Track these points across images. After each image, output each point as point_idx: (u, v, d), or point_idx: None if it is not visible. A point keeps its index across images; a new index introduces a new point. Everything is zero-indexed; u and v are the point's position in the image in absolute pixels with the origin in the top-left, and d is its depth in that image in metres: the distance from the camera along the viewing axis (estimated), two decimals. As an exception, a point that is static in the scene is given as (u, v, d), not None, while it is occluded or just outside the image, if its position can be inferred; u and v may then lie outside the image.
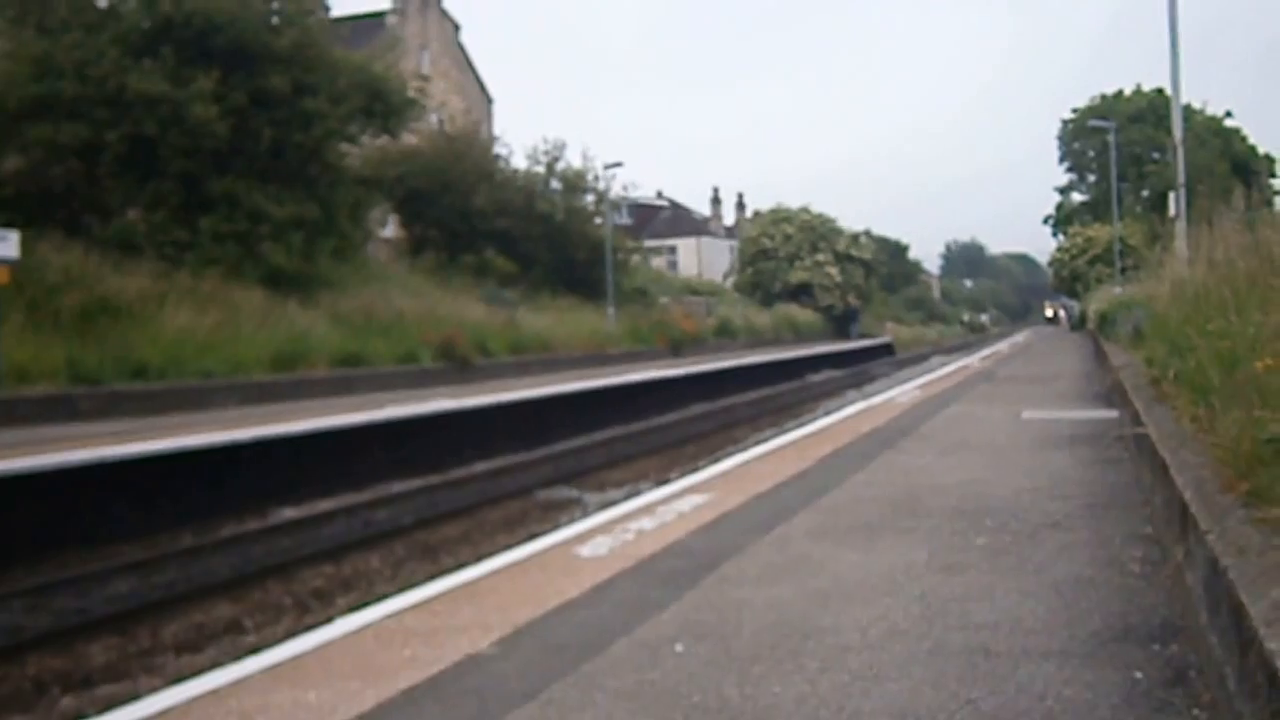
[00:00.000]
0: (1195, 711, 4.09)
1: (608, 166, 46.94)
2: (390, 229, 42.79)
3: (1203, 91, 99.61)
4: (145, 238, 25.20)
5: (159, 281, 23.49)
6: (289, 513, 14.91)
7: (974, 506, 8.42)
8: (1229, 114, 75.94)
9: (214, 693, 4.93)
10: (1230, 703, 3.59)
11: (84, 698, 8.29)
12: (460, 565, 7.82)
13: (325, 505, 15.18)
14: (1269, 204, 9.29)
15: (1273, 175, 63.91)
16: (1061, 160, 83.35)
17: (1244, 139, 73.33)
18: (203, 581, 11.62)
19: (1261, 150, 70.93)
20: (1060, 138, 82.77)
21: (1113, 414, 14.47)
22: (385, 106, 30.40)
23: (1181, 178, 21.64)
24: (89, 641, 9.86)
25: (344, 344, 26.21)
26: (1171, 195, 23.10)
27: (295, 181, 27.93)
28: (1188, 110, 56.32)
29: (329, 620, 6.77)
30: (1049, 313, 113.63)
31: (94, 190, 25.33)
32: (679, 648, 5.14)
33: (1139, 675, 4.51)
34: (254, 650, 6.18)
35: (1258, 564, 3.73)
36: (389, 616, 6.11)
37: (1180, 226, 20.14)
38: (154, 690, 5.49)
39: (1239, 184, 9.18)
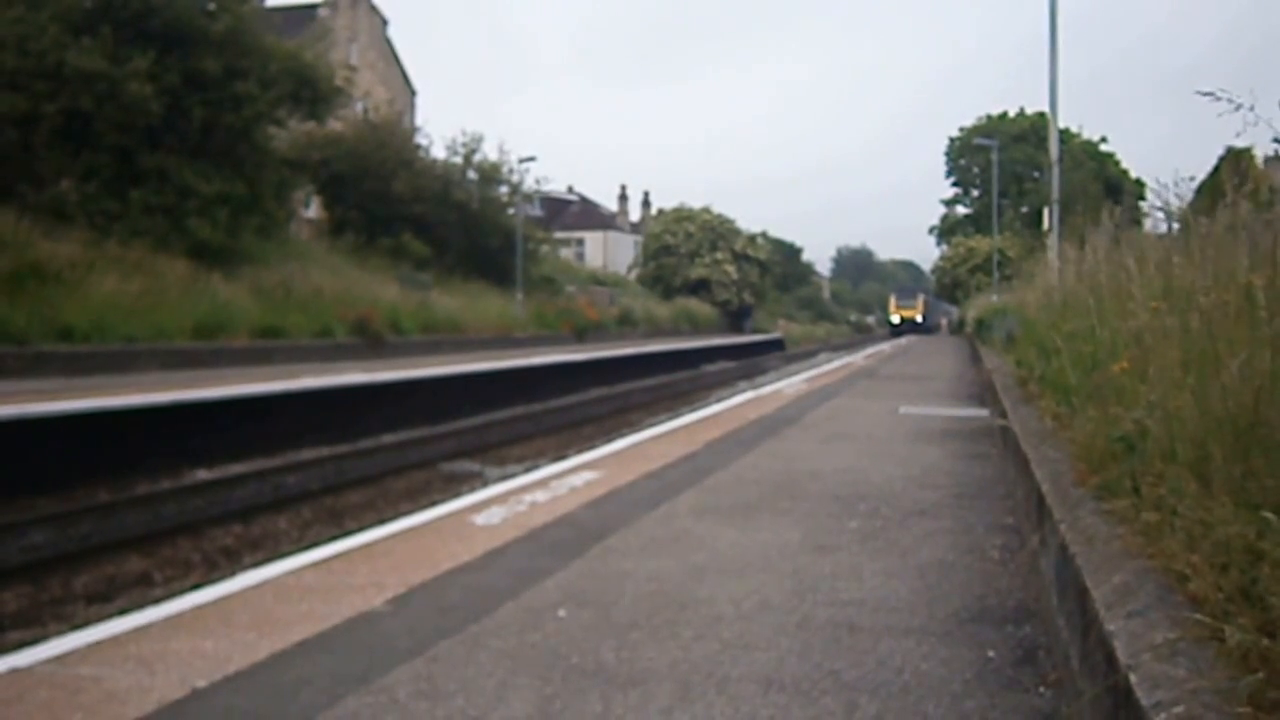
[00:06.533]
0: (1041, 689, 4.11)
1: (522, 160, 46.81)
2: (313, 209, 42.43)
3: (1085, 120, 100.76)
4: (77, 207, 24.92)
5: (88, 249, 23.06)
6: (202, 474, 14.73)
7: (849, 492, 8.45)
8: (1104, 139, 77.39)
9: (114, 639, 4.83)
10: (1073, 681, 3.60)
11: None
12: (363, 529, 7.70)
13: (238, 468, 15.00)
14: (1137, 223, 9.43)
15: (1142, 198, 65.03)
16: (948, 175, 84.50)
17: (1117, 163, 74.64)
18: (116, 536, 11.43)
19: (1134, 175, 72.43)
20: (948, 154, 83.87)
21: (983, 412, 14.66)
22: (313, 93, 30.19)
23: (1056, 194, 21.90)
24: (1, 589, 9.66)
25: (264, 317, 25.82)
26: (1046, 210, 23.42)
27: (224, 160, 27.66)
28: (1066, 133, 57.40)
29: (233, 575, 6.64)
30: (895, 318, 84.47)
31: (29, 159, 24.76)
32: (562, 613, 5.08)
33: (992, 654, 4.52)
34: (158, 601, 6.04)
35: (1103, 551, 3.75)
36: (289, 574, 6.01)
37: (1052, 239, 20.41)
38: (58, 635, 5.34)
39: (1111, 204, 9.32)
